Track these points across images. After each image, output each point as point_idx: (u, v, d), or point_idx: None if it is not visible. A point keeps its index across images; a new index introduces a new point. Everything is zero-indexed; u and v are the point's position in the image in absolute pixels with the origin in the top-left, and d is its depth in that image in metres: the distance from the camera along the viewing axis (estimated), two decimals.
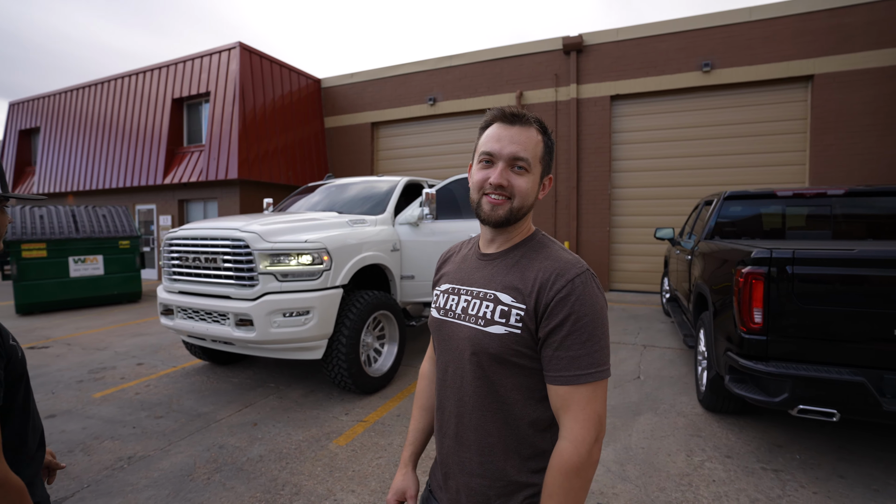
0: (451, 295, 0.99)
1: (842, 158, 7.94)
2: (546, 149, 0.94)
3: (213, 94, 10.71)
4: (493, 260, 0.96)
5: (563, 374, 0.83)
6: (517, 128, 0.91)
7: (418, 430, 1.14)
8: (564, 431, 0.83)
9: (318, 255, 3.54)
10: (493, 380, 0.89)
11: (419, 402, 1.16)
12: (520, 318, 0.86)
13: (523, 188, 0.90)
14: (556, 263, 0.88)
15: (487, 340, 0.88)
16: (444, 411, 0.98)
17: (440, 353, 0.99)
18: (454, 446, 0.95)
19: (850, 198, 4.01)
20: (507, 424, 0.89)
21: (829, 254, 2.50)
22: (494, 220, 0.92)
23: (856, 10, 7.87)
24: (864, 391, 2.38)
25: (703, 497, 2.44)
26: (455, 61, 10.96)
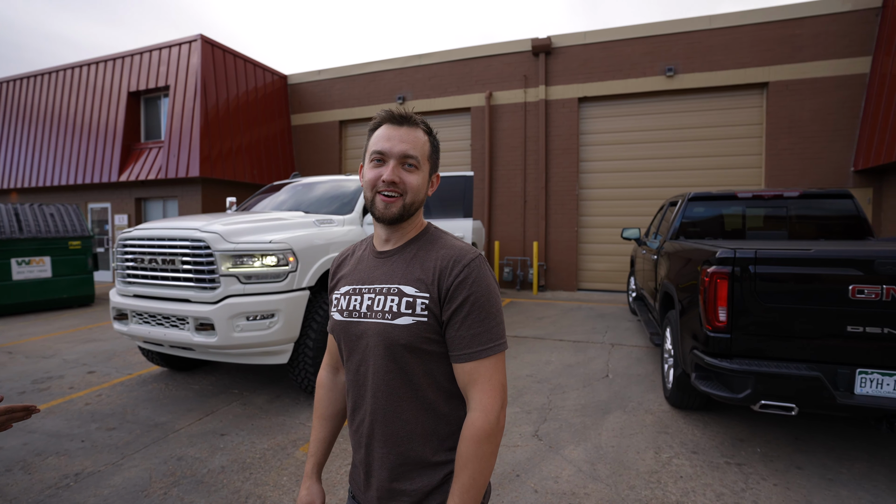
0: (353, 296, 1.01)
1: (794, 162, 8.34)
2: (433, 148, 1.01)
3: (173, 88, 10.27)
4: (391, 256, 1.01)
5: (466, 352, 0.90)
6: (405, 128, 0.96)
7: (320, 441, 1.16)
8: (473, 403, 0.90)
9: (283, 256, 3.42)
10: (406, 370, 0.93)
11: (319, 412, 1.18)
12: (425, 306, 0.92)
13: (414, 184, 0.96)
14: (451, 251, 0.95)
15: (397, 332, 0.92)
16: (358, 411, 1.00)
17: (349, 354, 1.01)
18: (372, 444, 0.98)
19: (804, 200, 4.19)
20: (422, 409, 0.95)
21: (788, 253, 2.59)
22: (388, 217, 0.96)
23: (805, 21, 8.28)
24: (820, 385, 2.47)
25: (672, 493, 2.47)
26: (425, 60, 10.90)
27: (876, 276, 2.43)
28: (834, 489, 2.52)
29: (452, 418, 0.97)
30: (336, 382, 1.19)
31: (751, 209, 4.33)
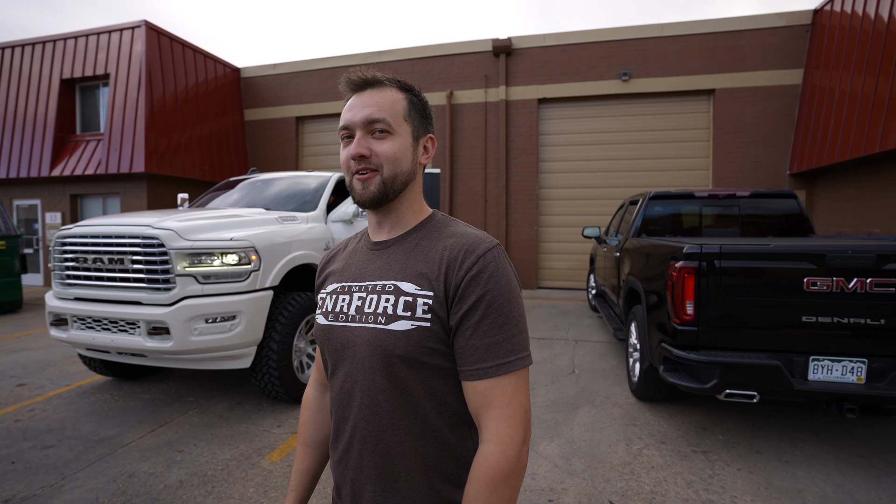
0: (341, 295, 0.84)
1: (738, 165, 8.87)
2: (412, 105, 0.83)
3: (114, 77, 9.58)
4: (389, 247, 0.84)
5: (480, 367, 0.72)
6: (369, 91, 0.81)
7: (303, 472, 0.96)
8: (488, 433, 0.71)
9: (245, 254, 3.23)
10: (404, 388, 0.76)
11: (302, 438, 0.98)
12: (427, 307, 0.74)
13: (388, 153, 0.78)
14: (462, 240, 0.78)
15: (392, 340, 0.74)
16: (343, 437, 0.82)
17: (333, 366, 0.83)
18: (361, 479, 0.80)
19: (754, 199, 4.44)
20: (424, 438, 0.77)
21: (749, 249, 2.71)
22: (368, 199, 0.80)
23: (747, 34, 8.82)
24: (778, 373, 2.61)
25: (646, 483, 2.53)
26: (385, 57, 10.76)
27: (827, 270, 2.59)
28: (790, 470, 2.67)
29: (460, 450, 0.80)
30: (324, 403, 1.00)
31: (706, 208, 4.55)
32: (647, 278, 3.47)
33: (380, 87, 0.81)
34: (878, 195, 7.02)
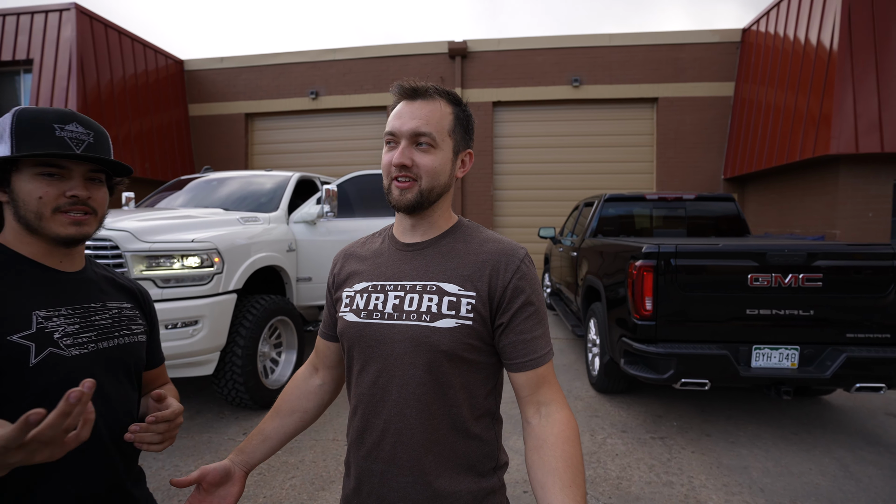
0: (374, 293, 0.87)
1: (679, 169, 9.49)
2: (457, 120, 0.87)
3: (39, 63, 8.79)
4: (423, 249, 0.88)
5: (532, 358, 0.83)
6: (419, 101, 0.84)
7: (261, 434, 0.95)
8: (556, 404, 0.83)
9: (207, 256, 3.10)
10: (443, 382, 0.81)
11: (276, 406, 0.99)
12: (471, 307, 0.81)
13: (429, 166, 0.82)
14: (500, 246, 0.86)
15: (437, 337, 0.79)
16: (374, 431, 0.84)
17: (364, 363, 0.86)
18: (392, 471, 0.82)
19: (699, 202, 4.79)
20: (454, 430, 0.83)
21: (702, 248, 2.95)
22: (404, 205, 0.84)
23: (685, 47, 9.47)
24: (727, 362, 2.85)
25: (612, 470, 2.68)
26: (339, 55, 10.57)
27: (768, 266, 2.86)
28: (736, 450, 2.92)
29: (484, 440, 0.86)
30: (309, 383, 1.03)
31: (656, 209, 4.86)
32: (606, 276, 3.67)
33: (430, 98, 0.84)
34: (799, 199, 7.77)
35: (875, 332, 2.85)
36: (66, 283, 0.86)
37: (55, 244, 0.84)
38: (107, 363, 0.86)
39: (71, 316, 0.83)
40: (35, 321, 0.78)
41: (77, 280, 0.89)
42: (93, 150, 0.84)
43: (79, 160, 0.82)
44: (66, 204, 0.81)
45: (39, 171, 0.80)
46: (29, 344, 0.76)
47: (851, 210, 6.84)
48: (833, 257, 2.85)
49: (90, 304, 0.88)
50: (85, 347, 0.83)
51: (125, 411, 0.88)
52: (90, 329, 0.85)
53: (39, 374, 0.76)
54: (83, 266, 0.92)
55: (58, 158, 0.80)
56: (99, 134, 0.86)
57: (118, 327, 0.90)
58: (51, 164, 0.80)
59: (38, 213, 0.80)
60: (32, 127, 0.79)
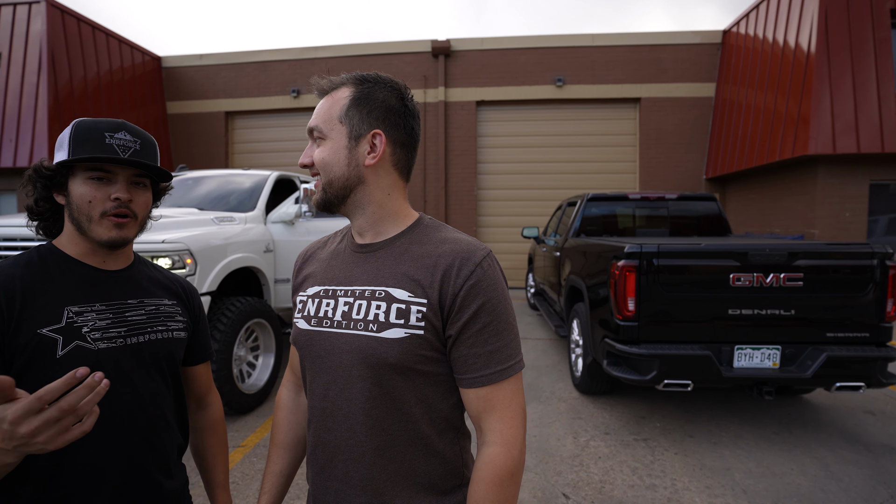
0: (325, 299, 0.82)
1: (661, 169, 9.56)
2: (353, 101, 0.77)
3: (6, 58, 8.48)
4: (376, 251, 0.81)
5: (483, 374, 0.73)
6: (323, 99, 0.81)
7: (275, 475, 0.94)
8: (491, 435, 0.73)
9: (179, 257, 2.98)
10: (395, 397, 0.75)
11: (276, 440, 0.97)
12: (421, 315, 0.73)
13: (318, 158, 0.79)
14: (456, 246, 0.77)
15: (385, 348, 0.73)
16: (326, 447, 0.79)
17: (315, 373, 0.81)
18: (346, 490, 0.77)
19: (681, 201, 4.80)
20: (413, 447, 0.76)
21: (684, 247, 2.92)
22: (315, 203, 0.82)
23: (667, 48, 9.55)
24: (709, 363, 2.83)
25: (594, 473, 2.64)
26: (321, 53, 10.43)
27: (749, 266, 2.85)
28: (718, 451, 2.91)
29: (448, 456, 0.80)
30: (298, 404, 0.98)
31: (639, 209, 4.85)
32: (589, 276, 3.63)
33: (332, 91, 0.80)
34: (779, 199, 7.88)
35: (854, 332, 2.86)
36: (105, 280, 0.92)
37: (99, 246, 0.90)
38: (135, 357, 0.90)
39: (104, 311, 0.89)
40: (66, 316, 0.84)
41: (118, 278, 0.94)
42: (138, 156, 0.90)
43: (123, 165, 0.88)
44: (111, 208, 0.88)
45: (89, 175, 0.87)
46: (57, 337, 0.82)
47: (829, 210, 6.96)
48: (813, 257, 2.85)
49: (127, 300, 0.93)
50: (113, 342, 0.88)
51: (154, 404, 0.92)
52: (121, 324, 0.90)
53: (65, 365, 0.80)
54: (128, 265, 0.98)
55: (104, 163, 0.87)
56: (146, 142, 0.92)
57: (152, 323, 0.95)
58: (99, 169, 0.87)
59: (88, 215, 0.87)
60: (86, 135, 0.86)
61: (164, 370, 0.96)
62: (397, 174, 0.83)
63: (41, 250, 0.90)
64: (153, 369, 0.93)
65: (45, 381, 0.77)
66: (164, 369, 0.96)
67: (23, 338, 0.79)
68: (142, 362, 0.92)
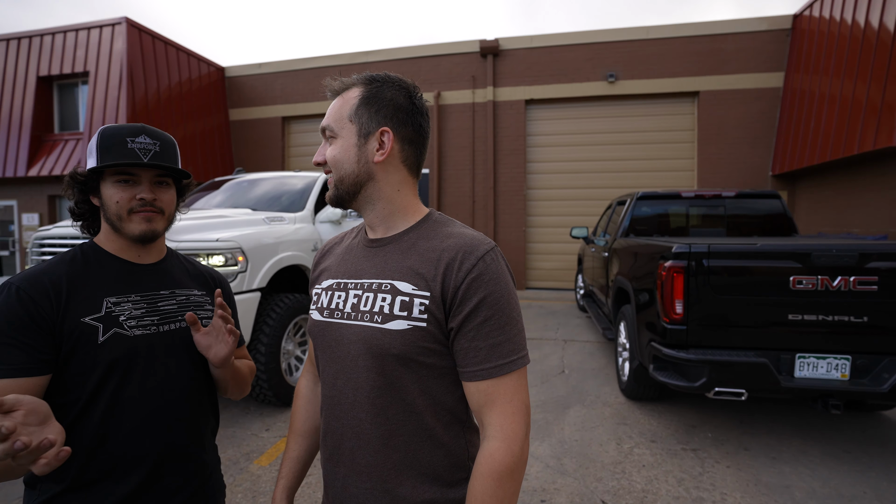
0: (337, 291, 0.85)
1: (722, 166, 9.01)
2: (362, 100, 0.80)
3: (94, 75, 9.36)
4: (385, 245, 0.84)
5: (484, 367, 0.74)
6: (335, 101, 0.84)
7: (293, 460, 0.98)
8: (492, 430, 0.74)
9: (231, 255, 3.17)
10: (398, 387, 0.76)
11: (294, 427, 1.01)
12: (424, 307, 0.75)
13: (329, 157, 0.82)
14: (460, 241, 0.78)
15: (388, 340, 0.75)
16: (334, 434, 0.82)
17: (326, 363, 0.84)
18: (351, 477, 0.80)
19: (739, 199, 4.50)
20: (417, 437, 0.78)
21: (737, 248, 2.74)
22: (329, 199, 0.85)
23: (729, 37, 8.98)
24: (766, 371, 2.64)
25: (637, 482, 2.54)
26: (372, 57, 10.70)
27: (812, 268, 2.63)
28: (777, 466, 2.70)
29: (453, 448, 0.81)
30: (316, 393, 1.02)
31: (693, 208, 4.60)
32: (636, 278, 3.49)
33: (344, 91, 0.83)
34: (857, 196, 7.19)
35: None
36: (140, 273, 1.01)
37: (132, 241, 0.98)
38: (168, 343, 0.98)
39: (139, 302, 0.97)
40: (105, 306, 0.93)
41: (151, 271, 1.03)
42: (158, 158, 0.96)
43: (144, 167, 0.95)
44: (137, 206, 0.95)
45: (116, 179, 0.95)
46: (97, 324, 0.90)
47: None
48: (891, 258, 2.58)
49: (159, 291, 1.02)
50: (147, 329, 0.96)
51: (185, 387, 1.00)
52: (154, 313, 0.98)
53: (105, 349, 0.90)
54: (161, 258, 1.06)
55: (126, 167, 0.94)
56: (165, 143, 0.99)
57: (183, 312, 1.03)
58: (123, 172, 0.95)
59: (118, 214, 0.95)
60: (110, 142, 0.94)
61: (195, 355, 1.03)
62: (406, 170, 0.85)
63: (84, 248, 0.99)
64: (184, 355, 1.00)
65: (89, 363, 0.89)
66: (195, 354, 1.02)
67: (69, 325, 0.88)
68: (173, 348, 0.99)
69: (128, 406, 0.91)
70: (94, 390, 0.89)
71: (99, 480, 0.89)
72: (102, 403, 0.89)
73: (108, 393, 0.89)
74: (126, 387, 0.91)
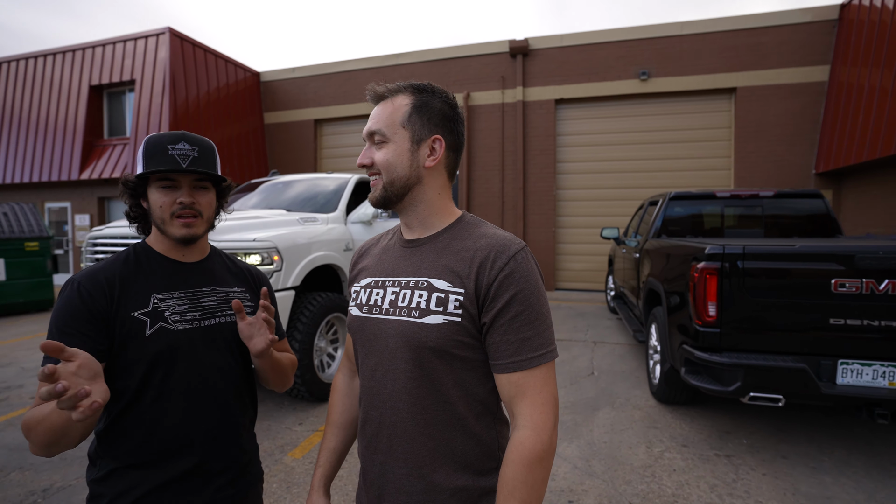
0: (375, 289, 0.90)
1: (760, 164, 8.68)
2: (414, 109, 0.85)
3: (139, 83, 9.85)
4: (421, 245, 0.89)
5: (515, 360, 0.78)
6: (380, 104, 0.88)
7: (330, 451, 1.03)
8: (522, 419, 0.78)
9: (267, 254, 3.30)
10: (433, 378, 0.81)
11: (331, 419, 1.05)
12: (459, 303, 0.80)
13: (382, 160, 0.85)
14: (492, 241, 0.83)
15: (424, 333, 0.80)
16: (372, 423, 0.87)
17: (365, 356, 0.89)
18: (389, 463, 0.85)
19: (778, 199, 4.35)
20: (451, 426, 0.82)
21: (774, 249, 2.66)
22: (374, 200, 0.88)
23: (769, 31, 8.64)
24: (805, 377, 2.55)
25: (667, 486, 2.50)
26: (402, 59, 10.83)
27: (856, 271, 2.52)
28: (818, 476, 2.61)
29: (485, 438, 0.85)
30: (352, 387, 1.07)
31: (728, 208, 4.47)
32: (667, 279, 3.43)
33: (389, 97, 0.87)
34: None
35: None
36: (184, 272, 1.08)
37: (175, 242, 1.06)
38: (208, 336, 1.04)
39: (182, 298, 1.04)
40: (152, 302, 1.00)
41: (195, 269, 1.10)
42: (197, 163, 1.02)
43: (183, 172, 1.01)
44: (177, 210, 1.02)
45: (159, 184, 1.02)
46: (145, 319, 0.98)
47: None
48: None
49: (202, 288, 1.08)
50: (190, 323, 1.03)
51: (225, 378, 1.06)
52: (196, 309, 1.05)
53: (151, 342, 0.97)
54: (203, 257, 1.13)
55: (167, 173, 1.00)
56: (204, 148, 1.05)
57: (223, 308, 1.09)
58: (165, 178, 1.02)
59: (162, 217, 1.02)
60: (154, 149, 1.00)
61: (234, 349, 1.09)
62: (447, 175, 0.91)
63: (136, 248, 1.08)
64: (224, 348, 1.07)
65: (137, 354, 0.97)
66: (234, 348, 1.09)
67: (121, 319, 0.96)
68: (214, 342, 1.05)
69: (174, 394, 0.99)
70: (143, 379, 0.96)
71: (150, 461, 0.97)
72: (152, 391, 0.97)
73: (155, 382, 0.97)
74: (171, 377, 0.98)
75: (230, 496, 1.05)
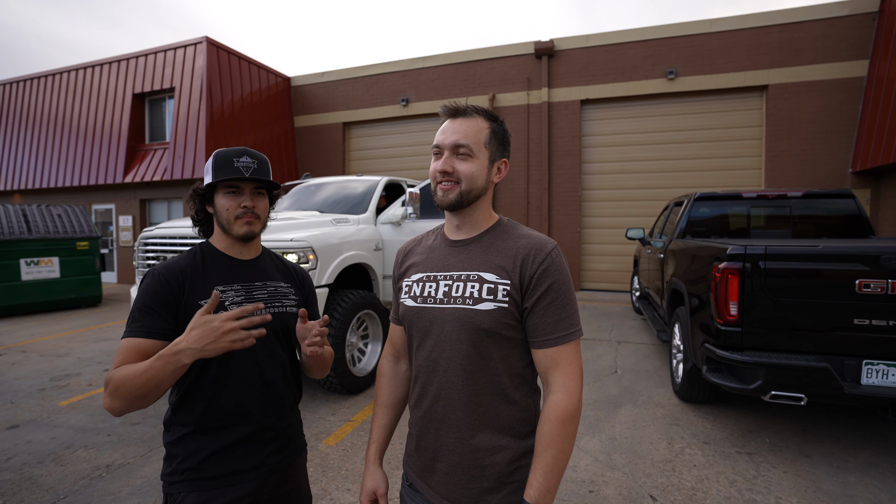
0: (427, 283, 1.04)
1: (793, 163, 8.48)
2: (493, 134, 1.02)
3: (178, 90, 10.34)
4: (467, 245, 1.04)
5: (551, 337, 0.95)
6: (460, 119, 1.01)
7: (382, 428, 1.18)
8: (556, 385, 0.94)
9: (303, 254, 3.50)
10: (485, 355, 0.97)
11: (380, 400, 1.20)
12: (506, 292, 0.96)
13: (467, 172, 0.99)
14: (531, 241, 1.00)
15: (479, 317, 0.95)
16: (428, 396, 1.02)
17: (421, 340, 1.04)
18: (443, 429, 1.00)
19: (807, 199, 4.30)
20: (496, 396, 0.98)
21: (796, 250, 2.69)
22: (446, 203, 1.00)
23: (804, 25, 8.43)
24: (828, 376, 2.58)
25: (687, 481, 2.57)
26: (428, 62, 11.01)
27: (882, 271, 2.54)
28: (841, 476, 2.63)
29: (523, 406, 1.00)
30: (397, 371, 1.21)
31: (755, 209, 4.45)
32: (690, 279, 3.47)
33: (469, 116, 1.02)
34: None
35: None
36: (241, 267, 1.24)
37: (236, 240, 1.22)
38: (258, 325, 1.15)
39: (239, 290, 1.20)
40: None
41: (250, 265, 1.26)
42: (256, 173, 1.20)
43: (247, 181, 1.18)
44: (241, 212, 1.19)
45: (226, 191, 1.19)
46: None
47: None
48: None
49: (254, 282, 1.24)
50: None
51: (274, 362, 1.21)
52: (250, 300, 1.20)
53: None
54: (258, 255, 1.29)
55: (234, 181, 1.18)
56: (262, 162, 1.22)
57: (272, 301, 1.24)
58: (231, 186, 1.19)
59: (227, 219, 1.19)
60: (222, 162, 1.17)
61: (281, 337, 1.23)
62: (493, 188, 1.09)
63: (202, 246, 1.25)
64: (272, 336, 1.21)
65: None
66: (281, 336, 1.23)
67: (188, 305, 1.12)
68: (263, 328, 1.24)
69: (232, 372, 1.15)
70: (206, 359, 1.11)
71: (214, 428, 1.14)
72: (214, 368, 1.13)
73: (217, 360, 1.12)
74: (230, 357, 1.13)
75: (279, 461, 1.22)
